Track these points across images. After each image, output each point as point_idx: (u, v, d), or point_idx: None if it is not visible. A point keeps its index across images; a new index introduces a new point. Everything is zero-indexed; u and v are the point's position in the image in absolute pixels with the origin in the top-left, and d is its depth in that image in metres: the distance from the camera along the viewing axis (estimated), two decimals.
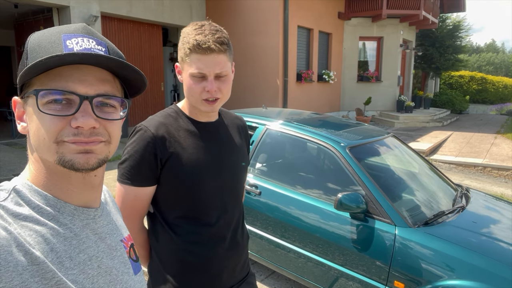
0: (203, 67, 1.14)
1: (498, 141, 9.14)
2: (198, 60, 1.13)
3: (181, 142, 1.22)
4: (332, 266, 2.44)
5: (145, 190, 1.21)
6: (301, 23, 10.04)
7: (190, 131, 1.25)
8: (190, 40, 1.13)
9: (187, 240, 1.24)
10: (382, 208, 2.32)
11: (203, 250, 1.25)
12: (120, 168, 1.21)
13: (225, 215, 1.30)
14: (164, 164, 1.19)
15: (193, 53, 1.13)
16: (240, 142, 1.40)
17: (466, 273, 1.98)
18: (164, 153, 1.19)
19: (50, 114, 0.61)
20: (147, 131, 1.19)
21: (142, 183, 1.19)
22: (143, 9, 8.51)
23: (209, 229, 1.26)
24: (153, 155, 1.18)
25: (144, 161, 1.17)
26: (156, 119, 1.24)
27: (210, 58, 1.13)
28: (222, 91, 1.19)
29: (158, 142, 1.18)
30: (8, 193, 0.61)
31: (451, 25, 16.26)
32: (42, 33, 0.66)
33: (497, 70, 54.61)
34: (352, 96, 12.54)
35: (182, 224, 1.24)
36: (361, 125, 3.43)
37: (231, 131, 1.37)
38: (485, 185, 6.11)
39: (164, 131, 1.21)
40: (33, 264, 0.55)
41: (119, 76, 0.68)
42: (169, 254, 1.25)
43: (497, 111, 18.45)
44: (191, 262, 1.25)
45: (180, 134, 1.23)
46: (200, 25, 1.16)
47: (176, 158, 1.19)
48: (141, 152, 1.18)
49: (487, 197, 3.04)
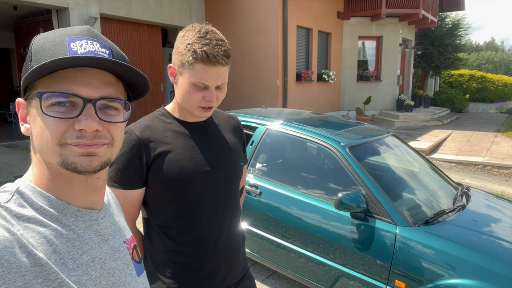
0: (208, 78, 1.13)
1: (498, 139, 9.14)
2: (203, 71, 1.12)
3: (168, 143, 1.22)
4: (333, 266, 2.44)
5: (133, 192, 1.21)
6: (300, 23, 10.04)
7: (178, 132, 1.25)
8: (197, 50, 1.11)
9: (179, 241, 1.23)
10: (383, 207, 2.33)
11: (194, 250, 1.24)
12: (109, 171, 1.21)
13: (217, 215, 1.28)
14: (150, 166, 1.19)
15: (198, 63, 1.12)
16: (234, 141, 1.39)
17: (467, 272, 1.98)
18: (149, 155, 1.19)
19: (53, 116, 0.61)
20: (131, 134, 1.20)
21: (130, 186, 1.19)
22: (142, 10, 8.51)
23: (201, 230, 1.25)
24: (138, 157, 1.18)
25: (130, 164, 1.18)
26: (141, 122, 1.25)
27: (215, 70, 1.13)
28: (219, 99, 1.20)
29: (143, 145, 1.19)
30: (11, 195, 0.61)
31: (450, 23, 16.25)
32: (47, 35, 0.66)
33: (496, 69, 54.62)
34: (352, 96, 12.55)
35: (173, 225, 1.24)
36: (361, 124, 3.43)
37: (222, 130, 1.36)
38: (485, 183, 6.12)
39: (149, 133, 1.21)
40: (36, 265, 0.56)
41: (122, 79, 0.69)
42: (161, 256, 1.25)
43: (497, 110, 18.46)
44: (183, 263, 1.24)
45: (167, 135, 1.23)
46: (203, 33, 1.14)
47: (162, 159, 1.19)
48: (126, 155, 1.18)
49: (488, 196, 3.04)
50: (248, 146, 3.18)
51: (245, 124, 3.44)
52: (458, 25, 16.01)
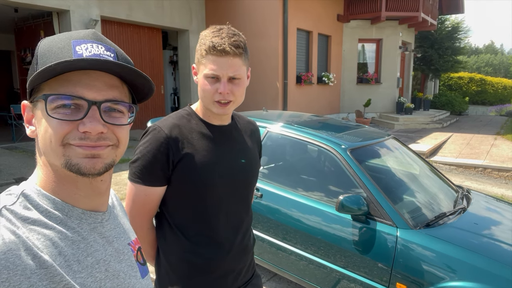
0: (217, 68, 1.15)
1: (498, 142, 9.15)
2: (212, 61, 1.15)
3: (194, 144, 1.22)
4: (333, 268, 2.44)
5: (155, 190, 1.21)
6: (301, 25, 10.07)
7: (203, 134, 1.25)
8: (207, 42, 1.15)
9: (195, 242, 1.24)
10: (384, 210, 2.33)
11: (211, 252, 1.25)
12: (132, 167, 1.22)
13: (235, 219, 1.30)
14: (176, 165, 1.20)
15: (208, 55, 1.15)
16: (253, 146, 1.41)
17: (468, 274, 1.98)
18: (176, 154, 1.19)
19: (58, 118, 0.61)
20: (160, 132, 1.20)
21: (153, 183, 1.20)
22: (143, 13, 8.53)
23: (218, 232, 1.26)
24: (165, 155, 1.18)
25: (156, 161, 1.18)
26: (170, 120, 1.25)
27: (225, 60, 1.15)
28: (235, 94, 1.19)
29: (171, 143, 1.19)
30: (16, 198, 0.62)
31: (450, 26, 16.29)
32: (52, 38, 0.67)
33: (496, 71, 54.68)
34: (352, 98, 12.56)
35: (191, 226, 1.25)
36: (361, 127, 3.44)
37: (244, 135, 1.38)
38: (485, 186, 6.12)
39: (177, 132, 1.21)
40: (41, 267, 0.56)
41: (127, 82, 0.69)
42: (176, 256, 1.26)
43: (496, 112, 18.47)
44: (198, 264, 1.25)
45: (193, 136, 1.23)
46: (218, 28, 1.18)
47: (188, 160, 1.20)
48: (153, 152, 1.18)
49: (488, 199, 3.04)
50: None
51: None
52: (458, 28, 16.06)
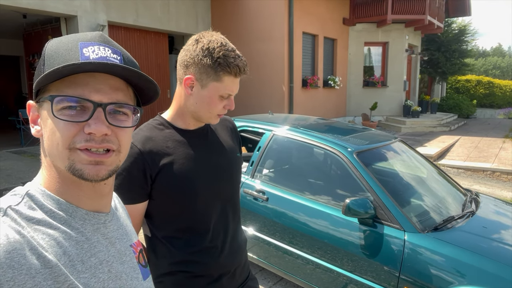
0: (234, 89, 1.21)
1: (507, 145, 9.05)
2: (231, 82, 1.18)
3: (170, 154, 1.20)
4: (340, 273, 2.42)
5: (136, 206, 1.18)
6: (306, 29, 10.08)
7: (178, 141, 1.23)
8: (221, 61, 1.14)
9: (186, 251, 1.23)
10: (391, 213, 2.31)
11: (202, 258, 1.24)
12: None
13: (223, 221, 1.29)
14: (155, 179, 1.17)
15: (227, 75, 1.16)
16: (231, 144, 1.39)
17: (477, 278, 1.95)
18: (153, 168, 1.16)
19: (64, 120, 0.62)
20: (133, 148, 1.15)
21: (133, 200, 1.16)
22: (149, 18, 8.61)
23: (207, 237, 1.24)
24: (142, 171, 1.15)
25: (133, 179, 1.15)
26: (141, 134, 1.21)
27: (237, 81, 1.20)
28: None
29: (146, 158, 1.16)
30: (21, 198, 0.62)
31: (456, 29, 16.19)
32: (60, 40, 0.68)
33: (504, 74, 54.20)
34: (358, 102, 12.52)
35: (180, 236, 1.23)
36: (367, 130, 3.42)
37: (220, 134, 1.37)
38: (494, 189, 6.04)
39: (151, 145, 1.18)
40: (46, 267, 0.56)
41: (132, 85, 0.70)
42: (167, 267, 1.24)
43: (505, 115, 18.28)
44: (191, 270, 1.24)
45: (168, 145, 1.21)
46: (223, 44, 1.16)
47: (167, 171, 1.17)
48: (128, 169, 1.14)
49: (497, 202, 3.00)
50: (255, 152, 3.18)
51: (252, 130, 3.45)
52: (465, 31, 15.95)
